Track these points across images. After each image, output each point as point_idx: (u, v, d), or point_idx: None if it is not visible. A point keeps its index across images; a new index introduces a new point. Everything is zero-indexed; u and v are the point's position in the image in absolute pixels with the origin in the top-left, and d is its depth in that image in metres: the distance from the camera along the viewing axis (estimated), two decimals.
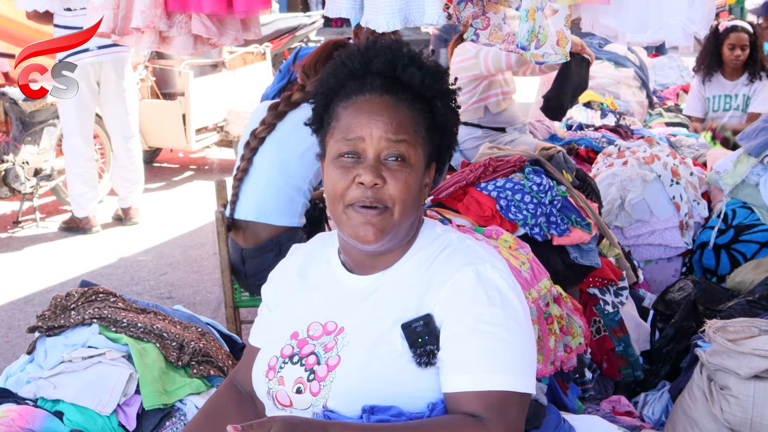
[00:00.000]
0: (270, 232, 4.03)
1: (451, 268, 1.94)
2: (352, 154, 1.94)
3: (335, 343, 1.95)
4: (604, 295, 3.86)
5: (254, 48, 9.66)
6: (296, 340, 2.02)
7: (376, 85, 1.96)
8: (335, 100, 2.01)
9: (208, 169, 9.65)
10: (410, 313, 1.92)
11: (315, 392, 1.91)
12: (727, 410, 2.91)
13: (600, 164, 5.28)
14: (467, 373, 1.82)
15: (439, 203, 3.66)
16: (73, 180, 7.23)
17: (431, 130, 2.01)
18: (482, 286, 1.89)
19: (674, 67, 9.49)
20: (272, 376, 2.00)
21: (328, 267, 2.14)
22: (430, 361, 1.88)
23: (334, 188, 1.96)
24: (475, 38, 3.37)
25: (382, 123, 1.92)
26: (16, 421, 2.61)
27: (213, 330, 3.23)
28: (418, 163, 1.97)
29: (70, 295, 3.08)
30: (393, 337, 1.90)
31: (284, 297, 2.18)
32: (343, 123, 1.97)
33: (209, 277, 6.27)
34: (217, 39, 4.05)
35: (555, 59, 3.22)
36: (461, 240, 2.03)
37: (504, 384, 1.81)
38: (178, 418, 2.76)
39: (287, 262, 2.27)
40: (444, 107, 2.03)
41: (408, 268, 2.01)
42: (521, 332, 1.88)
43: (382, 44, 2.01)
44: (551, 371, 3.00)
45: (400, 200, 1.93)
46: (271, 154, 4.04)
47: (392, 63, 1.98)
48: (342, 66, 2.02)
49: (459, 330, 1.86)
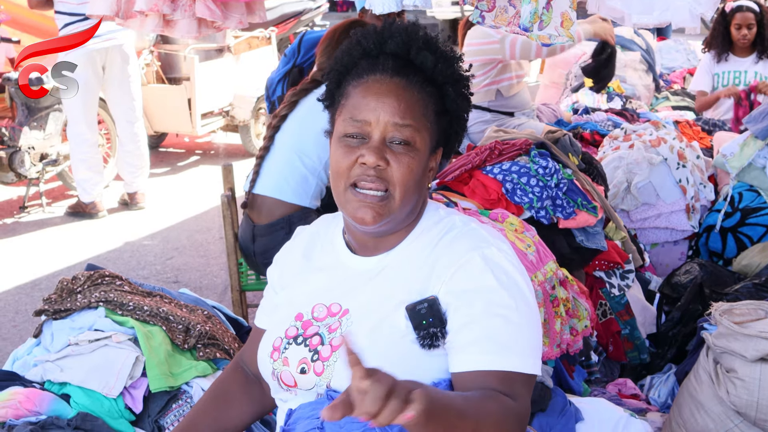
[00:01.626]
0: (283, 210, 4.04)
1: (456, 252, 1.93)
2: (358, 135, 1.94)
3: (339, 324, 1.96)
4: (610, 278, 3.86)
5: (259, 32, 9.65)
6: (301, 322, 2.02)
7: (388, 65, 1.96)
8: (347, 78, 2.01)
9: (214, 154, 9.65)
10: (414, 295, 1.92)
11: (319, 372, 1.92)
12: (733, 393, 2.90)
13: (606, 147, 5.27)
14: (476, 353, 1.82)
15: (444, 186, 3.65)
16: (78, 165, 7.24)
17: (440, 114, 2.01)
18: (491, 270, 1.88)
19: (681, 50, 9.45)
20: (277, 357, 2.01)
21: (333, 248, 2.14)
22: (434, 344, 1.88)
23: (337, 166, 1.96)
24: (480, 20, 3.35)
25: (390, 106, 1.92)
26: (23, 404, 2.62)
27: (219, 313, 3.24)
28: (423, 148, 1.96)
29: (76, 279, 3.08)
30: (397, 319, 1.91)
31: (290, 279, 2.19)
32: (351, 102, 1.96)
33: (215, 261, 6.29)
34: (221, 22, 4.04)
35: (560, 41, 3.20)
36: (465, 223, 2.02)
37: (511, 364, 1.81)
38: (185, 400, 2.76)
39: (292, 244, 2.27)
40: (455, 93, 2.03)
41: (412, 250, 2.01)
42: (529, 314, 1.89)
43: (399, 26, 2.01)
44: (557, 354, 3.01)
45: (402, 184, 1.92)
46: (291, 132, 4.07)
47: (407, 44, 1.97)
48: (357, 45, 2.02)
49: (471, 314, 1.86)
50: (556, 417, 2.65)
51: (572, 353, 3.13)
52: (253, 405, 2.27)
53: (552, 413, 2.67)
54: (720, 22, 6.84)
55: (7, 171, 7.19)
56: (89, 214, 7.36)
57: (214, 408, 2.24)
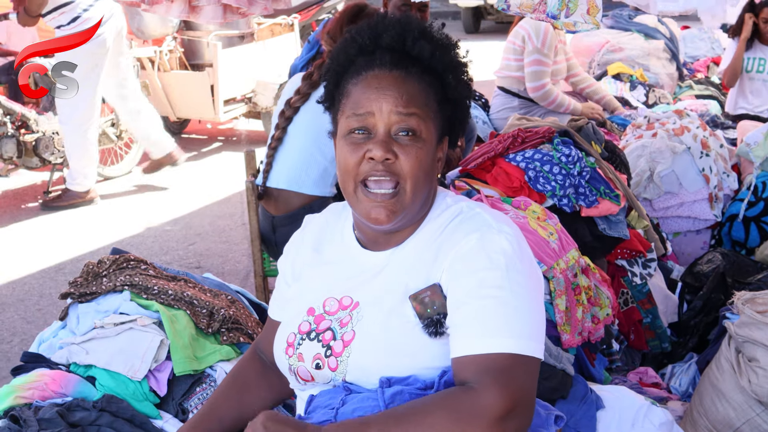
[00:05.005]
0: (302, 201, 4.04)
1: (457, 237, 1.93)
2: (363, 130, 1.93)
3: (350, 318, 1.96)
4: (632, 267, 3.86)
5: (282, 19, 9.65)
6: (313, 316, 2.02)
7: (385, 60, 1.94)
8: (345, 77, 1.99)
9: (236, 140, 9.68)
10: (421, 284, 1.93)
11: (333, 368, 1.93)
12: (755, 382, 2.90)
13: (629, 136, 5.25)
14: (468, 336, 1.81)
15: (467, 174, 3.66)
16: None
17: (442, 103, 1.99)
18: (485, 250, 1.87)
19: (705, 39, 9.39)
20: (291, 353, 2.02)
21: (342, 242, 2.14)
22: (439, 331, 1.87)
23: (345, 164, 1.95)
24: (505, 7, 3.36)
25: (392, 97, 1.91)
26: (49, 386, 2.65)
27: (242, 298, 3.26)
28: (429, 137, 1.95)
29: (101, 263, 3.11)
30: (405, 309, 1.91)
31: (301, 271, 2.19)
32: (352, 99, 1.95)
33: (238, 247, 6.31)
34: (246, 8, 4.05)
35: (585, 28, 3.20)
36: (471, 208, 2.01)
37: (503, 347, 1.78)
38: (209, 384, 2.78)
39: (302, 234, 2.27)
40: (455, 80, 2.00)
41: (419, 241, 2.00)
42: (527, 295, 1.85)
43: (392, 18, 1.99)
44: (578, 342, 3.01)
45: (412, 176, 1.92)
46: (306, 123, 4.04)
47: (402, 36, 1.95)
48: (352, 42, 2.00)
49: (461, 295, 1.85)
50: (577, 404, 2.65)
51: (594, 341, 3.13)
52: (271, 392, 2.29)
53: (573, 400, 2.67)
54: (748, 12, 6.82)
55: (32, 156, 7.23)
56: (86, 203, 7.40)
57: (235, 394, 2.25)
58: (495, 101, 6.24)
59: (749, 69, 6.84)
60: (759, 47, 6.87)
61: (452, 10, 17.17)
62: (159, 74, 8.68)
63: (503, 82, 6.15)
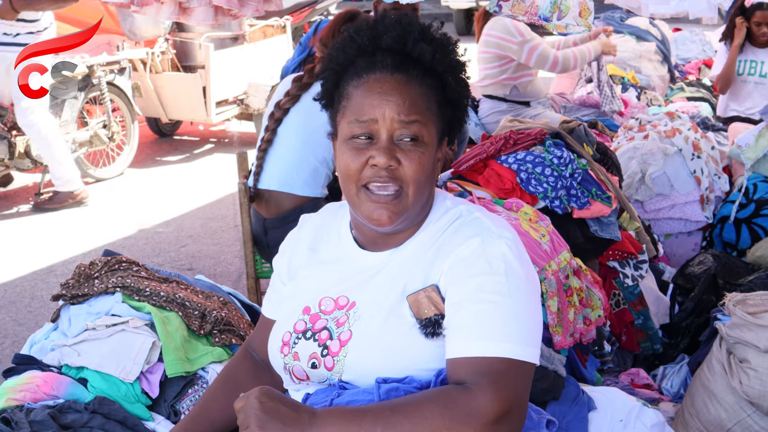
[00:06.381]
0: (293, 202, 4.04)
1: (457, 241, 1.93)
2: (366, 136, 1.92)
3: (347, 317, 1.96)
4: (624, 269, 3.86)
5: (274, 21, 9.65)
6: (308, 315, 2.02)
7: (387, 62, 1.93)
8: (345, 77, 1.98)
9: (228, 142, 9.67)
10: (418, 286, 1.93)
11: (329, 367, 1.93)
12: (746, 383, 2.91)
13: (621, 138, 5.26)
14: (464, 340, 1.82)
15: (459, 175, 3.66)
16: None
17: (443, 105, 1.99)
18: (485, 255, 1.87)
19: (696, 41, 9.42)
20: (287, 352, 2.01)
21: (340, 241, 2.13)
22: (436, 332, 1.88)
23: (347, 169, 1.94)
24: (497, 9, 3.36)
25: (395, 104, 1.90)
26: (41, 388, 2.65)
27: (234, 299, 3.26)
28: (431, 141, 1.95)
29: (93, 264, 3.11)
30: (403, 310, 1.91)
31: (297, 270, 2.18)
32: (354, 103, 1.94)
33: (229, 249, 6.31)
34: (237, 10, 4.05)
35: (577, 30, 3.21)
36: (470, 212, 2.01)
37: (500, 351, 1.79)
38: (200, 385, 2.78)
39: (298, 233, 2.26)
40: (455, 81, 2.00)
41: (418, 243, 2.01)
42: (525, 301, 1.86)
43: (392, 19, 1.97)
44: (570, 343, 3.01)
45: (414, 181, 1.92)
46: (296, 125, 4.04)
47: (402, 38, 1.94)
48: (351, 41, 1.98)
49: (460, 298, 1.85)
50: (569, 405, 2.65)
51: (585, 343, 3.13)
52: None
53: (565, 402, 2.68)
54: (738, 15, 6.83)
55: (24, 158, 7.22)
56: (77, 203, 7.37)
57: (225, 395, 2.23)
58: (483, 106, 6.23)
59: (741, 72, 6.85)
60: (750, 50, 6.88)
61: (444, 12, 17.20)
62: (151, 76, 8.67)
63: (487, 91, 6.13)
